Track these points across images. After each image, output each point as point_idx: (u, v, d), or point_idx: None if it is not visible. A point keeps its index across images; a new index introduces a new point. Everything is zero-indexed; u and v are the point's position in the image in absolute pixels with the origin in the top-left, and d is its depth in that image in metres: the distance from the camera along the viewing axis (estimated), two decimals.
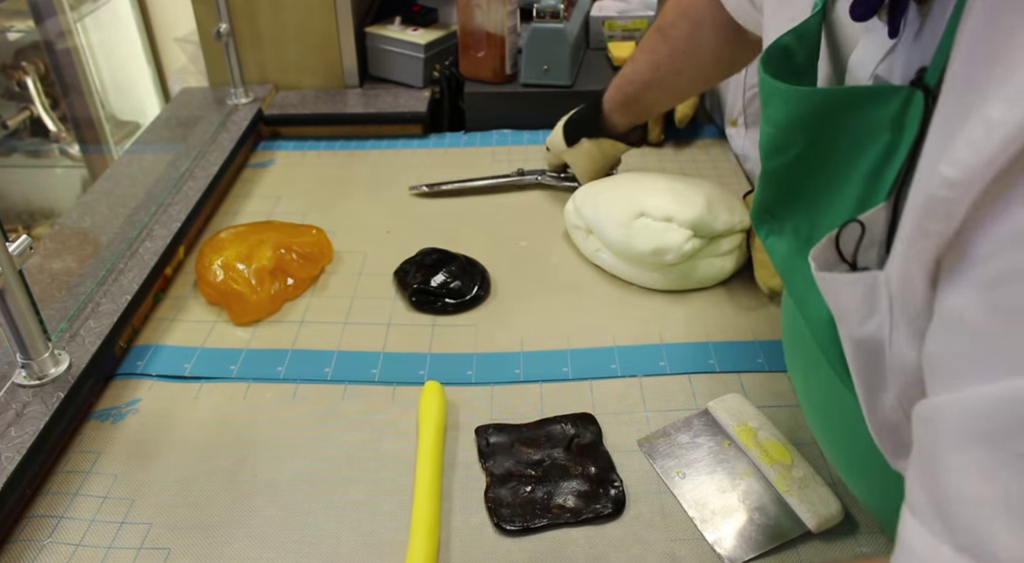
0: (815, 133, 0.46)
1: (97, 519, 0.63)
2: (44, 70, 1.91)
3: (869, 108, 0.41)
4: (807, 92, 0.46)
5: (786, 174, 0.51)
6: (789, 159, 0.49)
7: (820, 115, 0.45)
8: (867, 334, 0.40)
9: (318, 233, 0.93)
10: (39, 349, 0.70)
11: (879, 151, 0.41)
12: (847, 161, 0.44)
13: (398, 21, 1.29)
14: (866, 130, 0.41)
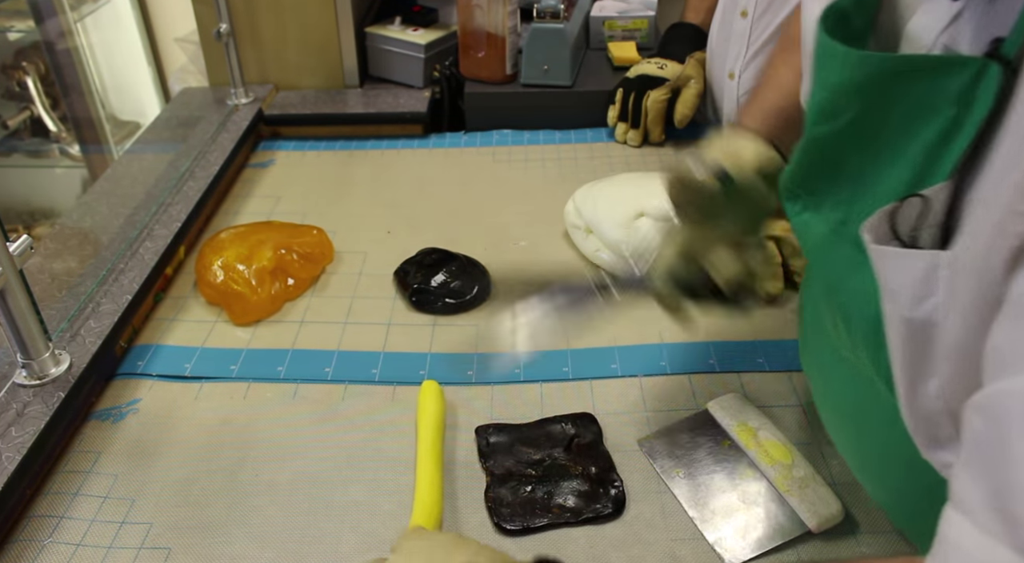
0: (871, 101, 0.44)
1: (97, 519, 0.63)
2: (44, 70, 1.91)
3: (935, 79, 0.39)
4: (869, 56, 0.43)
5: (832, 143, 0.48)
6: (838, 127, 0.47)
7: (880, 82, 0.43)
8: (921, 315, 0.38)
9: (319, 233, 0.93)
10: (40, 349, 0.70)
11: (941, 125, 0.39)
12: (903, 134, 0.42)
13: (398, 21, 1.29)
14: (928, 102, 0.39)
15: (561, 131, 1.20)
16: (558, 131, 1.20)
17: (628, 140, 1.15)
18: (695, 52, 1.14)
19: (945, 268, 0.36)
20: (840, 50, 0.44)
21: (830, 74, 0.46)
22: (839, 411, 0.57)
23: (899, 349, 0.40)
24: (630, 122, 1.14)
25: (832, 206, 0.50)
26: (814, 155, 0.51)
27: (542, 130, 1.21)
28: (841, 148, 0.48)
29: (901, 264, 0.39)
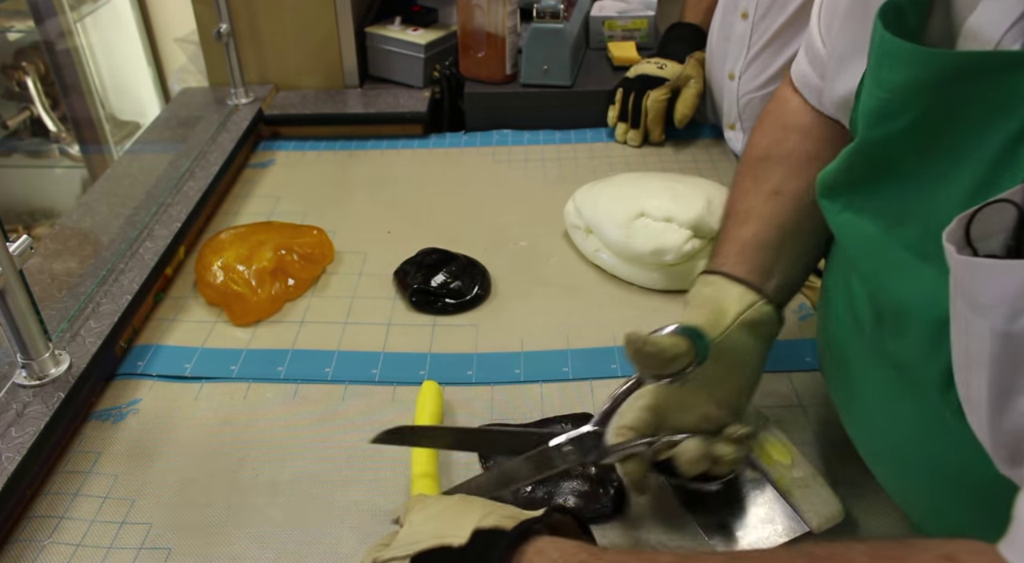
0: (935, 101, 0.42)
1: (97, 519, 0.63)
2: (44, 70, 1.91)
3: (1008, 77, 0.37)
4: (936, 54, 0.41)
5: (889, 145, 0.46)
6: (898, 128, 0.45)
7: (947, 81, 0.40)
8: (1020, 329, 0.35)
9: (319, 234, 0.93)
10: (39, 349, 0.70)
11: (1015, 127, 0.37)
12: (972, 135, 0.40)
13: (398, 21, 1.29)
14: (1000, 101, 0.38)
15: (561, 131, 1.20)
16: (558, 131, 1.20)
17: (628, 140, 1.15)
18: (695, 52, 1.14)
19: None
20: (905, 47, 0.42)
21: (892, 74, 0.44)
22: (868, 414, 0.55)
23: (987, 365, 0.37)
24: (630, 122, 1.14)
25: (881, 207, 0.48)
26: (864, 157, 0.49)
27: (542, 130, 1.21)
28: (897, 150, 0.46)
29: (997, 276, 0.36)
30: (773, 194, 0.63)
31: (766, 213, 0.62)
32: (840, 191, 0.52)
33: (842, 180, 0.51)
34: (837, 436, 0.68)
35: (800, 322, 0.81)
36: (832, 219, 0.53)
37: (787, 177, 0.64)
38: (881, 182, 0.48)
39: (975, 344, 0.38)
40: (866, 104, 0.47)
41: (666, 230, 0.84)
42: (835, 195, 0.52)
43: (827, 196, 0.53)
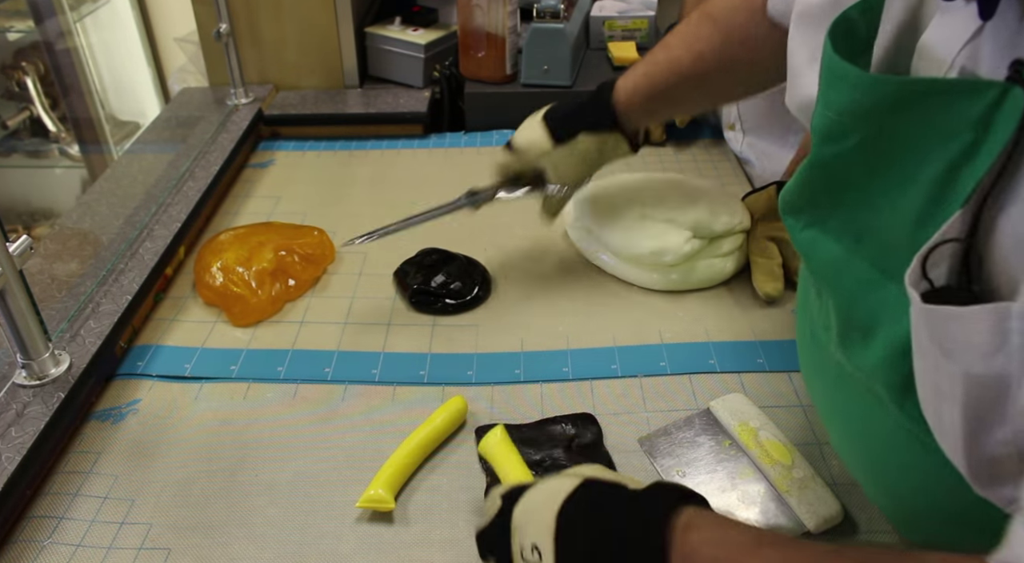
0: (881, 125, 0.42)
1: (97, 520, 0.63)
2: (44, 70, 1.91)
3: (951, 104, 0.37)
4: (880, 79, 0.42)
5: (840, 165, 0.46)
6: (845, 149, 0.45)
7: (891, 106, 0.41)
8: (993, 370, 0.35)
9: (319, 234, 0.93)
10: (39, 349, 0.70)
11: (957, 151, 0.37)
12: (916, 158, 0.40)
13: (398, 21, 1.29)
14: (943, 127, 0.38)
15: None
16: None
17: None
18: None
19: (1018, 319, 0.34)
20: (851, 71, 0.43)
21: (838, 95, 0.44)
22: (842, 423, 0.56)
23: (960, 401, 0.38)
24: None
25: (842, 224, 0.48)
26: (819, 174, 0.49)
27: None
28: (848, 168, 0.46)
29: (963, 324, 0.36)
30: (699, 55, 0.73)
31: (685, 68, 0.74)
32: (802, 209, 0.52)
33: (802, 197, 0.51)
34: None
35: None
36: (796, 236, 0.53)
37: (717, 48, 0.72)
38: (838, 199, 0.48)
39: (946, 382, 0.38)
40: (816, 122, 0.47)
41: (666, 231, 0.84)
42: (797, 212, 0.52)
43: (790, 214, 0.53)
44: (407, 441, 0.66)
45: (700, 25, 0.73)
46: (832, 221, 0.49)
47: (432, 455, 0.68)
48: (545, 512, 0.49)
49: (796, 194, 0.52)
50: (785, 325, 0.81)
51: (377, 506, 0.62)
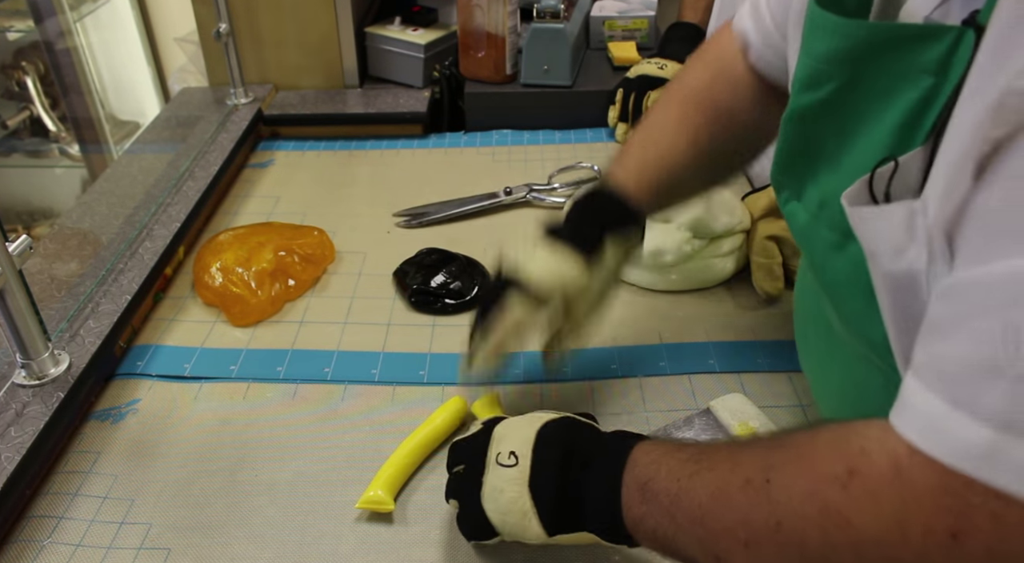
0: (854, 71, 0.45)
1: (97, 519, 0.63)
2: (44, 70, 1.91)
3: (916, 48, 0.40)
4: (855, 24, 0.45)
5: (814, 116, 0.49)
6: (821, 96, 0.48)
7: (864, 51, 0.44)
8: (903, 267, 0.39)
9: (320, 234, 0.93)
10: (39, 349, 0.70)
11: (918, 95, 0.40)
12: (880, 105, 0.43)
13: (398, 21, 1.29)
14: (907, 72, 0.41)
15: (561, 131, 1.20)
16: (558, 131, 1.20)
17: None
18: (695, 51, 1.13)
19: (920, 215, 0.38)
20: (830, 19, 0.46)
21: (818, 43, 0.47)
22: (839, 396, 0.58)
23: (888, 307, 0.42)
24: (630, 122, 1.14)
25: (812, 193, 0.51)
26: (795, 132, 0.52)
27: (542, 130, 1.21)
28: (820, 123, 0.49)
29: (879, 222, 0.40)
30: (694, 138, 0.67)
31: (682, 155, 0.67)
32: (784, 181, 0.55)
33: (782, 164, 0.54)
34: None
35: None
36: (783, 211, 0.56)
37: (708, 126, 0.68)
38: (807, 164, 0.51)
39: (879, 294, 0.42)
40: (797, 72, 0.51)
41: (665, 231, 0.84)
42: (781, 186, 0.55)
43: (777, 189, 0.56)
44: (406, 442, 0.66)
45: (682, 109, 0.68)
46: (805, 191, 0.52)
47: (432, 455, 0.67)
48: (527, 427, 0.55)
49: (777, 165, 0.55)
50: (785, 325, 0.81)
51: (376, 507, 0.62)
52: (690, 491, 0.45)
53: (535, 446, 0.53)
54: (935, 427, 0.34)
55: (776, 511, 0.40)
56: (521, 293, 0.61)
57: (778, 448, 0.43)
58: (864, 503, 0.36)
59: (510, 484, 0.52)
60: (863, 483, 0.37)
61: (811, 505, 0.38)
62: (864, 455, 0.37)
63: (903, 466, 0.35)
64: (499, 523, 0.53)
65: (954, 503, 0.33)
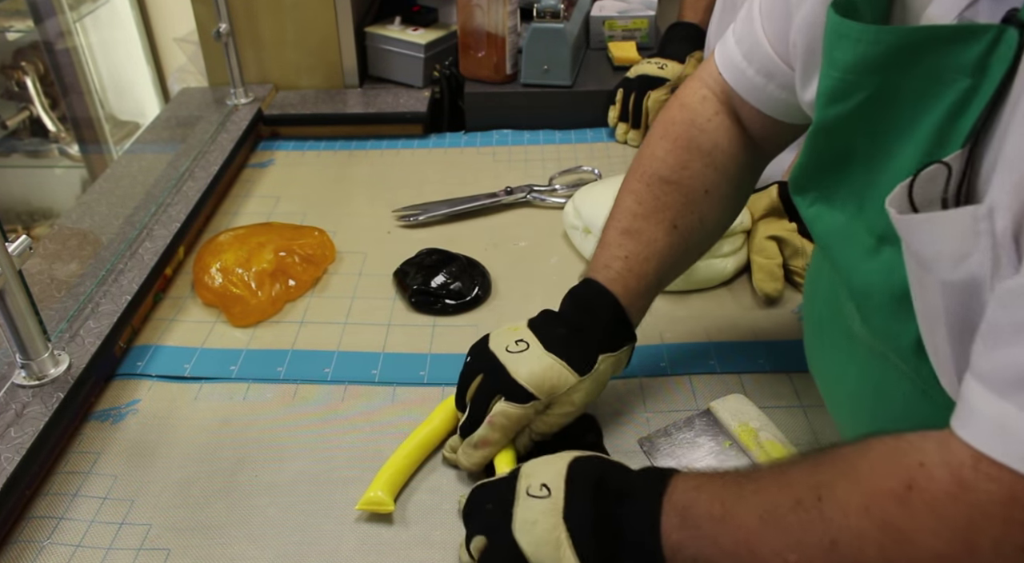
0: (885, 77, 0.44)
1: (97, 520, 0.63)
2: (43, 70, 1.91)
3: (950, 49, 0.39)
4: (884, 30, 0.43)
5: (843, 127, 0.48)
6: (850, 108, 0.46)
7: (894, 57, 0.42)
8: (964, 275, 0.37)
9: (320, 235, 0.92)
10: (39, 349, 0.70)
11: (955, 97, 0.39)
12: (916, 109, 0.42)
13: (398, 21, 1.29)
14: (942, 74, 0.40)
15: (561, 131, 1.20)
16: (558, 131, 1.20)
17: (628, 140, 1.15)
18: (695, 52, 1.13)
19: (983, 221, 0.36)
20: (855, 27, 0.44)
21: (843, 54, 0.45)
22: (855, 400, 0.56)
23: (943, 319, 0.39)
24: (631, 122, 1.14)
25: (845, 196, 0.50)
26: (822, 143, 0.51)
27: (542, 130, 1.21)
28: (850, 132, 0.48)
29: (936, 228, 0.38)
30: (672, 227, 0.66)
31: (664, 247, 0.65)
32: (808, 185, 0.53)
33: (808, 172, 0.53)
34: (837, 437, 0.68)
35: (800, 323, 0.81)
36: (804, 213, 0.54)
37: (684, 211, 0.66)
38: (839, 172, 0.50)
39: (930, 300, 0.40)
40: (821, 86, 0.49)
41: None
42: (804, 190, 0.54)
43: (798, 192, 0.55)
44: (406, 442, 0.66)
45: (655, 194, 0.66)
46: (837, 193, 0.51)
47: (432, 455, 0.67)
48: (557, 462, 0.54)
49: (802, 170, 0.53)
50: (786, 325, 0.81)
51: (376, 508, 0.62)
52: (736, 515, 0.43)
53: (568, 477, 0.52)
54: (1007, 432, 0.33)
55: (830, 530, 0.38)
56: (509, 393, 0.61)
57: (828, 465, 0.41)
58: (925, 518, 0.35)
59: (544, 515, 0.51)
60: (923, 497, 0.35)
61: (868, 522, 0.37)
62: (923, 468, 0.36)
63: (967, 477, 0.34)
64: (532, 555, 0.50)
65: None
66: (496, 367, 0.62)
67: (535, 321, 0.65)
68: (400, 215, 1.00)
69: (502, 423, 0.61)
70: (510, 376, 0.61)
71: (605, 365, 0.63)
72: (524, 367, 0.61)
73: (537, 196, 1.03)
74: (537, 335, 0.63)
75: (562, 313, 0.65)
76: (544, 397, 0.61)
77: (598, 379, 0.64)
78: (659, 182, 0.66)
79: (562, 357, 0.62)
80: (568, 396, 0.62)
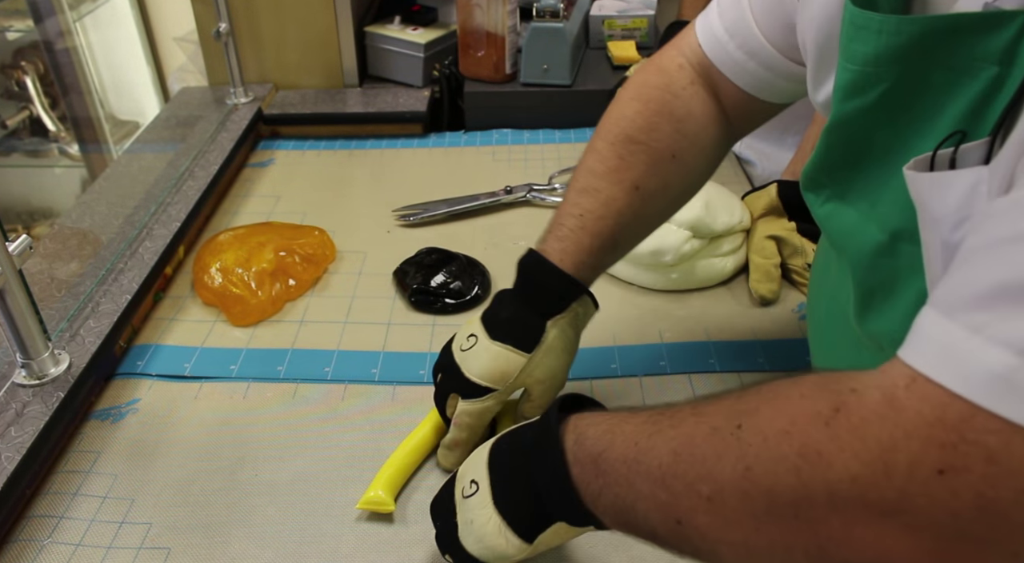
0: (906, 69, 0.42)
1: (97, 519, 0.63)
2: (43, 70, 1.91)
3: (976, 38, 0.38)
4: (906, 20, 0.42)
5: (860, 121, 0.47)
6: (869, 101, 0.45)
7: (917, 47, 0.41)
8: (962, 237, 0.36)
9: (321, 234, 0.92)
10: (39, 349, 0.70)
11: (980, 88, 0.38)
12: (939, 101, 0.41)
13: (398, 20, 1.29)
14: (967, 65, 0.39)
15: (561, 130, 1.20)
16: (558, 130, 1.20)
17: None
18: None
19: (984, 183, 0.35)
20: (876, 18, 0.43)
21: (863, 46, 0.44)
22: None
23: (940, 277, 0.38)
24: None
25: (859, 192, 0.49)
26: (839, 138, 0.49)
27: (542, 129, 1.21)
28: (868, 126, 0.46)
29: (943, 187, 0.37)
30: (634, 188, 0.63)
31: (623, 207, 0.62)
32: (822, 182, 0.52)
33: (823, 168, 0.52)
34: None
35: (800, 322, 0.81)
36: (816, 211, 0.54)
37: (648, 173, 0.63)
38: (858, 165, 0.49)
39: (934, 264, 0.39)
40: (838, 81, 0.47)
41: (665, 231, 0.83)
42: (818, 186, 0.53)
43: (811, 189, 0.54)
44: (406, 442, 0.66)
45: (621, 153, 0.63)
46: (851, 189, 0.50)
47: (431, 454, 0.67)
48: (482, 452, 0.53)
49: (816, 166, 0.52)
50: (785, 325, 0.81)
51: (377, 508, 0.62)
52: (650, 451, 0.41)
53: (489, 464, 0.52)
54: (947, 353, 0.31)
55: (746, 455, 0.36)
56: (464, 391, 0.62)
57: (753, 394, 0.39)
58: (847, 438, 0.33)
59: (477, 510, 0.50)
60: (849, 418, 0.33)
61: (787, 445, 0.34)
62: (854, 392, 0.34)
63: (898, 397, 0.32)
64: (481, 553, 0.50)
65: (948, 437, 0.30)
66: (451, 366, 0.63)
67: (486, 310, 0.65)
68: (400, 214, 1.00)
69: (466, 422, 0.62)
70: (463, 374, 0.61)
71: (556, 330, 0.62)
72: (474, 362, 0.61)
73: (537, 195, 1.03)
74: (485, 325, 0.63)
75: (512, 290, 0.65)
76: (500, 386, 0.61)
77: (552, 347, 0.62)
78: (625, 141, 0.63)
79: (506, 341, 0.61)
80: (527, 376, 0.61)
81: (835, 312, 0.56)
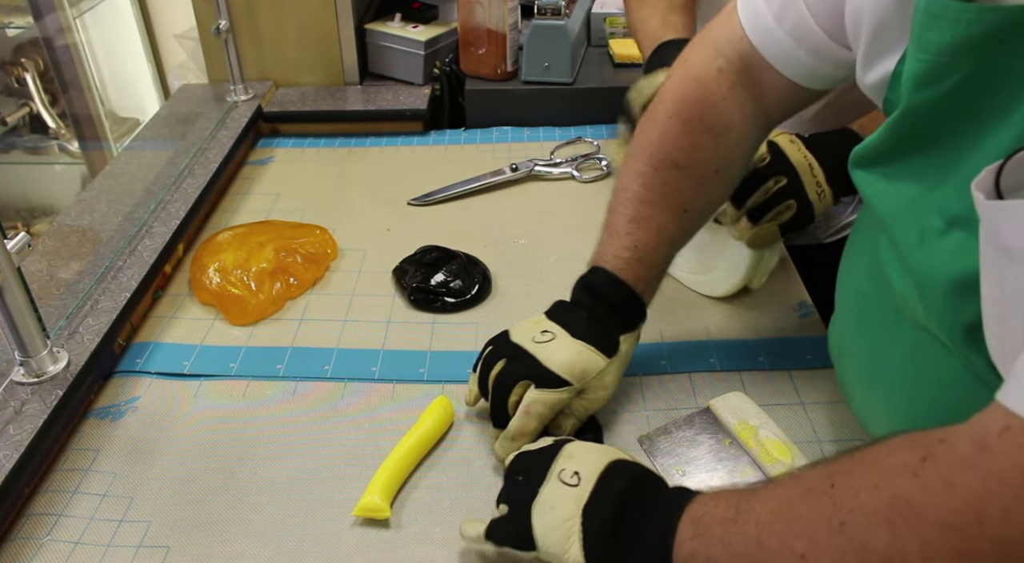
0: (983, 59, 0.41)
1: (96, 517, 0.63)
2: (43, 66, 1.91)
3: None
4: (986, 9, 0.40)
5: (932, 109, 0.46)
6: (943, 91, 0.44)
7: (996, 37, 0.40)
8: None
9: (322, 233, 0.92)
10: (38, 347, 0.70)
11: None
12: (1013, 92, 0.40)
13: (398, 18, 1.29)
14: None
15: (561, 128, 1.20)
16: (558, 128, 1.20)
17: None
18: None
19: None
20: (954, 7, 0.42)
21: (939, 35, 0.43)
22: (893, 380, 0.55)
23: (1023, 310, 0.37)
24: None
25: (917, 176, 0.48)
26: (909, 122, 0.48)
27: (542, 127, 1.20)
28: (938, 114, 0.46)
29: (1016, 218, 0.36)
30: (682, 211, 0.66)
31: (675, 234, 0.67)
32: (877, 161, 0.52)
33: (881, 150, 0.51)
34: (837, 435, 0.68)
35: (801, 320, 0.81)
36: (865, 189, 0.53)
37: (695, 195, 0.66)
38: (920, 148, 0.48)
39: (1010, 290, 0.37)
40: (909, 70, 0.46)
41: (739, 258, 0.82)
42: (871, 165, 0.52)
43: (862, 166, 0.53)
44: (400, 445, 0.66)
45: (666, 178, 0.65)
46: (909, 171, 0.49)
47: (431, 452, 0.67)
48: (600, 455, 0.54)
49: (875, 147, 0.51)
50: (786, 323, 0.81)
51: (373, 515, 0.61)
52: (748, 515, 0.42)
53: (602, 474, 0.52)
54: None
55: (840, 512, 0.36)
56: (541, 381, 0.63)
57: (846, 457, 0.39)
58: (936, 488, 0.32)
59: (565, 503, 0.51)
60: (937, 467, 0.33)
61: (878, 498, 0.34)
62: (942, 442, 0.33)
63: (991, 443, 0.31)
64: (541, 537, 0.51)
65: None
66: (523, 355, 0.64)
67: (553, 312, 0.67)
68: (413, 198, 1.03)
69: (539, 411, 0.62)
70: (542, 364, 0.63)
71: (627, 345, 0.66)
72: (556, 355, 0.63)
73: (541, 170, 1.06)
74: (561, 324, 0.65)
75: (577, 302, 0.67)
76: (577, 382, 0.63)
77: (623, 359, 0.66)
78: (670, 166, 0.65)
79: (589, 342, 0.64)
80: (600, 379, 0.65)
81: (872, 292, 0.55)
